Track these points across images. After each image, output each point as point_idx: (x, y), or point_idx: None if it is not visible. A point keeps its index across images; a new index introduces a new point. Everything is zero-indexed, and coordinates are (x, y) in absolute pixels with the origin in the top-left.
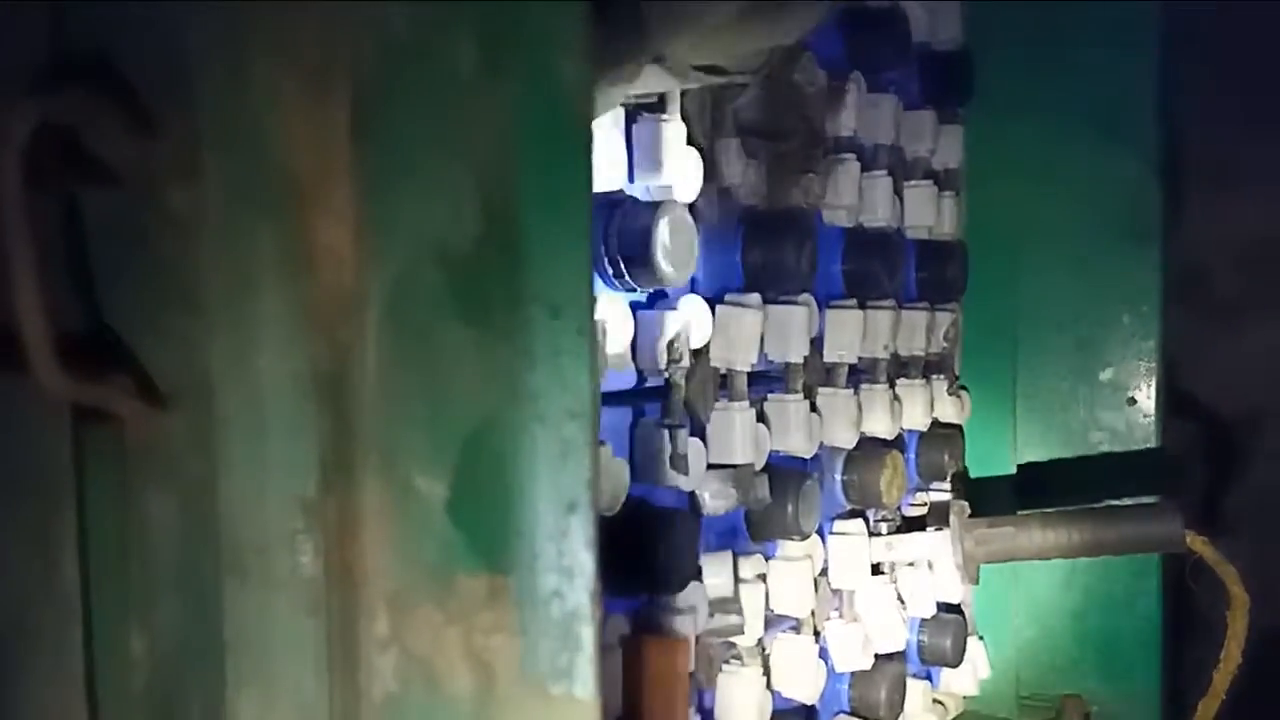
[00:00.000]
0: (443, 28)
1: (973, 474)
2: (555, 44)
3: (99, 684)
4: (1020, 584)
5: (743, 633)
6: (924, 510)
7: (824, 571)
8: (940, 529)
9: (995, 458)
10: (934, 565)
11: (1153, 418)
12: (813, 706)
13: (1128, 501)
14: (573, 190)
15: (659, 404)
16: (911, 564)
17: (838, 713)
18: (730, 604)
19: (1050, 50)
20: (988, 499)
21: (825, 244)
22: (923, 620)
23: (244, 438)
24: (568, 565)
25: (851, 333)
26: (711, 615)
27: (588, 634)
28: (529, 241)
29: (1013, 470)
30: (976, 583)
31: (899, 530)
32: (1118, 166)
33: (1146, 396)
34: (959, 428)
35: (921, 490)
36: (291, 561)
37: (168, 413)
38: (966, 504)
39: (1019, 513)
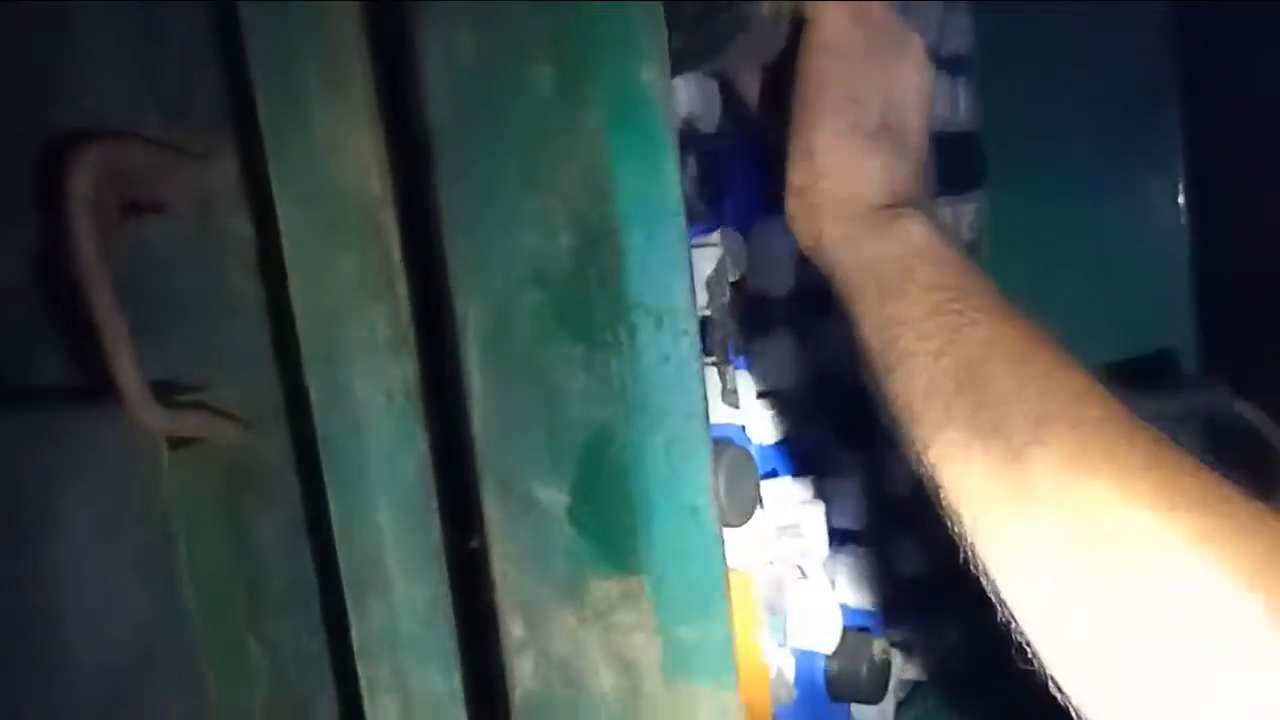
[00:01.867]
0: (516, 49)
1: None
2: (635, 52)
3: (221, 704)
4: None
5: (807, 554)
6: None
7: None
8: None
9: None
10: None
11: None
12: (877, 617)
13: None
14: (665, 195)
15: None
16: None
17: (899, 617)
18: (792, 530)
19: None
20: None
21: None
22: None
23: (345, 457)
24: (700, 564)
25: None
26: (776, 541)
27: (726, 621)
28: (627, 252)
29: None
30: None
31: None
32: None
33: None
34: None
35: None
36: (410, 574)
37: (259, 436)
38: None
39: None
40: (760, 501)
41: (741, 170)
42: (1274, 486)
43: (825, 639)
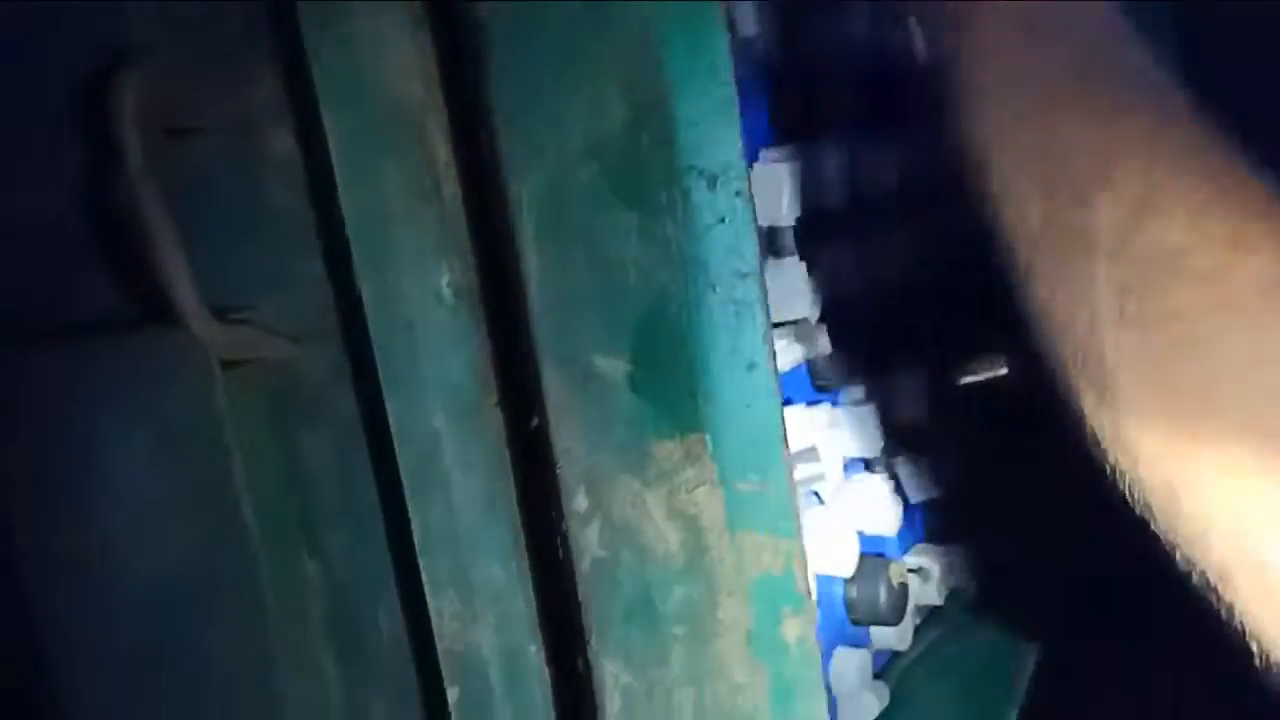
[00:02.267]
0: None
1: None
2: None
3: (280, 616)
4: None
5: (824, 478)
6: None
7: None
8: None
9: None
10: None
11: None
12: (893, 542)
13: None
14: (714, 59)
15: None
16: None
17: (913, 543)
18: (809, 453)
19: None
20: None
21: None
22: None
23: (399, 360)
24: (759, 418)
25: (889, 170)
26: (794, 468)
27: (785, 473)
28: (679, 117)
29: None
30: None
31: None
32: None
33: None
34: None
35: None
36: (468, 468)
37: (309, 351)
38: None
39: None
40: None
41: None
42: None
43: (843, 563)
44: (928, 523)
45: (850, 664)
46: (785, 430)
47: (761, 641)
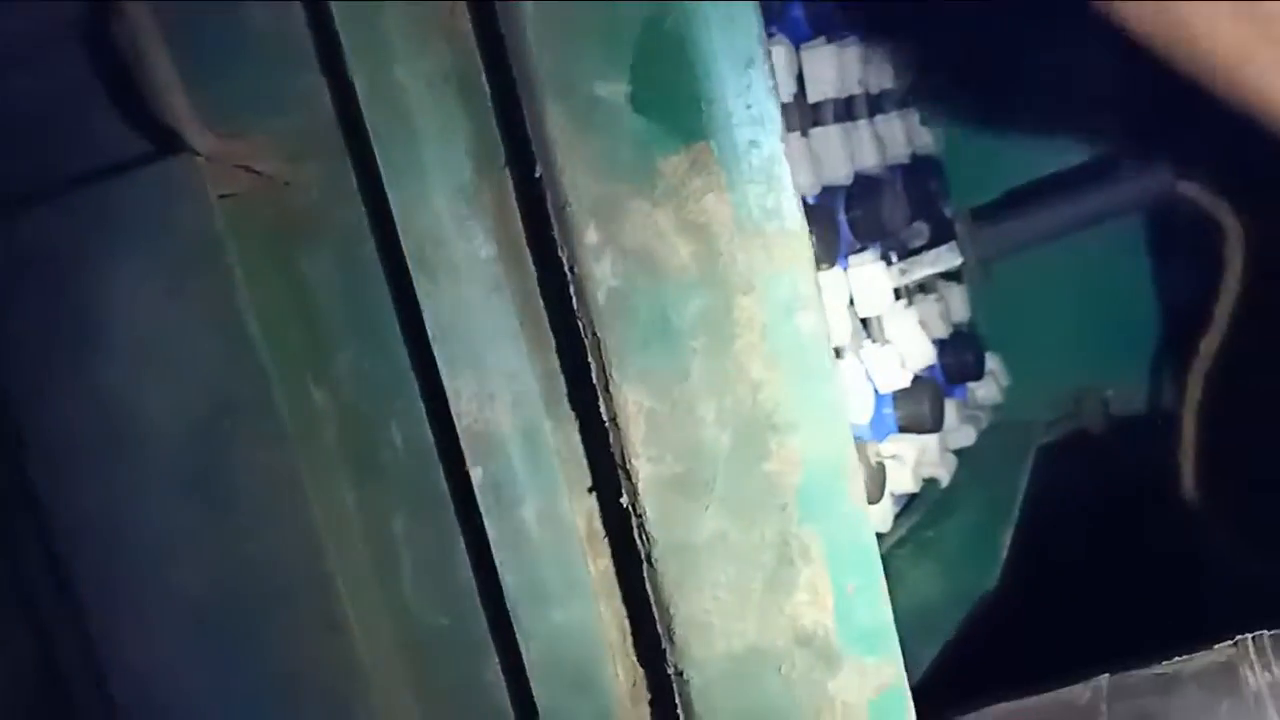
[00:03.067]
0: None
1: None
2: None
3: (297, 441)
4: (1024, 290)
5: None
6: (926, 239)
7: (850, 304)
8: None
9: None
10: (944, 294)
11: None
12: (866, 430)
13: None
14: None
15: None
16: (923, 287)
17: (888, 433)
18: None
19: None
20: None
21: None
22: (942, 342)
23: (398, 150)
24: (757, 114)
25: (829, 69)
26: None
27: (785, 173)
28: None
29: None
30: (987, 279)
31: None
32: None
33: None
34: (937, 160)
35: (916, 220)
36: (473, 242)
37: (303, 168)
38: (967, 210)
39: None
40: None
41: None
42: (1225, 256)
43: None
44: (898, 412)
45: None
46: (783, 131)
47: (777, 336)
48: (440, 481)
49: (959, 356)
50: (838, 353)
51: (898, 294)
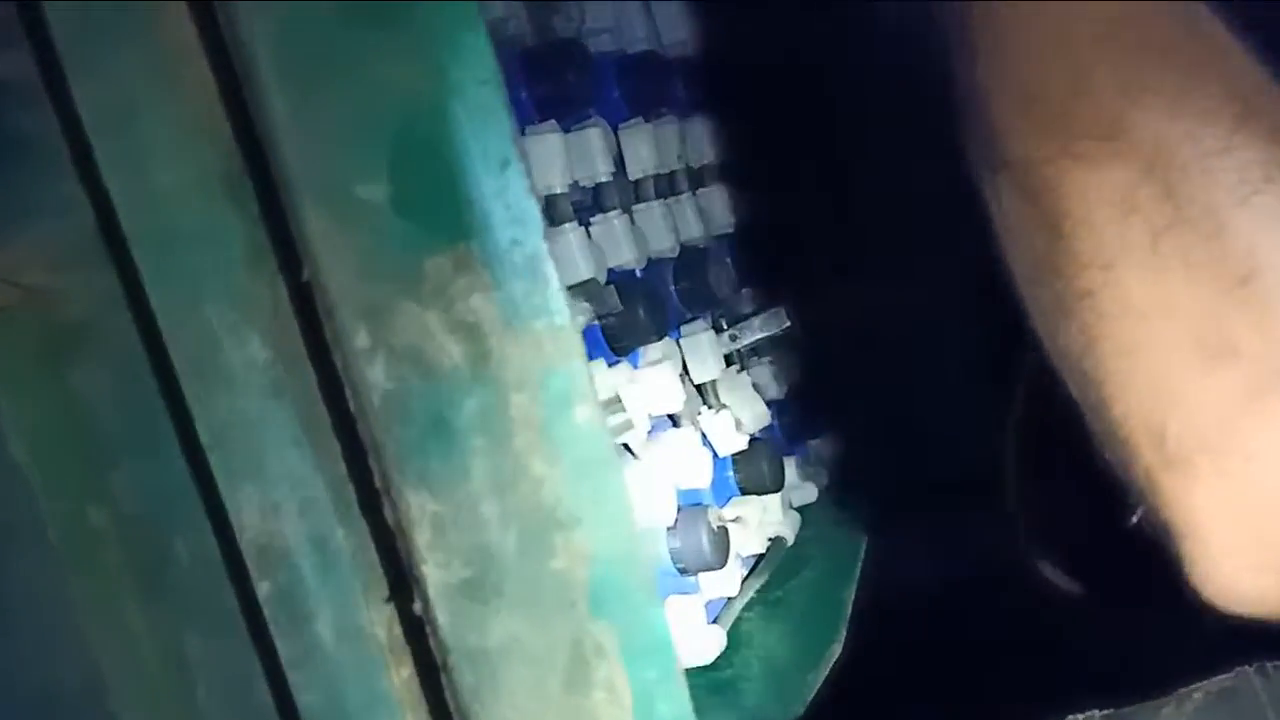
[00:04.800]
0: None
1: None
2: None
3: (72, 565)
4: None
5: (633, 428)
6: (754, 306)
7: (684, 373)
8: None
9: None
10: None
11: None
12: (708, 495)
13: None
14: None
15: None
16: (756, 352)
17: (730, 497)
18: (614, 404)
19: None
20: None
21: (598, 73)
22: (780, 403)
23: (162, 255)
24: (517, 214)
25: (647, 146)
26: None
27: (550, 270)
28: None
29: None
30: None
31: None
32: None
33: None
34: None
35: (745, 287)
36: (246, 346)
37: (75, 278)
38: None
39: None
40: None
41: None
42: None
43: (663, 513)
44: (738, 474)
45: (684, 611)
46: (544, 227)
47: (554, 431)
48: (230, 598)
49: (799, 416)
50: (674, 421)
51: (730, 360)
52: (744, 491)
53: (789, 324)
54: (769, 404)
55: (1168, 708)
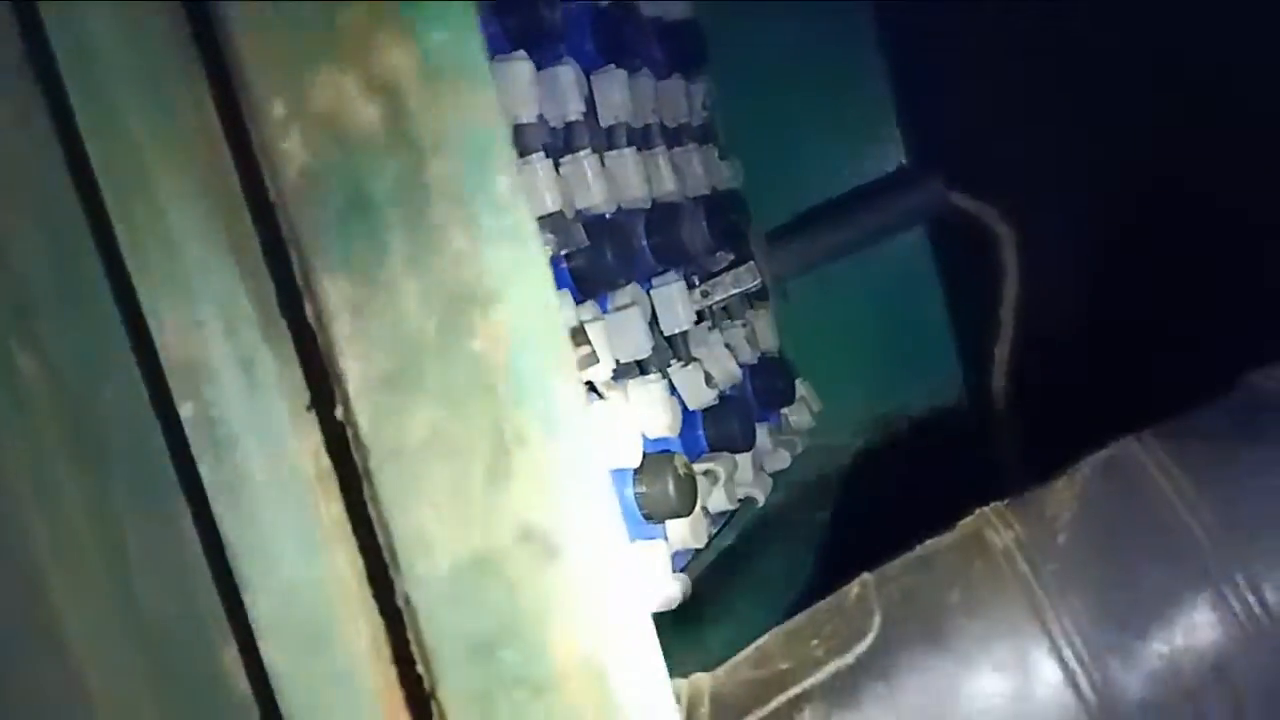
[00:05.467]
0: None
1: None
2: None
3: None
4: (820, 316)
5: (598, 361)
6: (727, 264)
7: (654, 323)
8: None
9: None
10: (751, 322)
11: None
12: (676, 444)
13: None
14: None
15: None
16: (729, 314)
17: (700, 453)
18: (578, 334)
19: None
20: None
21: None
22: (750, 368)
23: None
24: None
25: (620, 92)
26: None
27: (474, 19)
28: None
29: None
30: (787, 298)
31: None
32: None
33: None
34: (737, 192)
35: (719, 250)
36: (165, 147)
37: None
38: (761, 231)
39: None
40: None
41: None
42: (1000, 261)
43: (628, 454)
44: (708, 431)
45: (649, 556)
46: (511, 152)
47: (474, 199)
48: (158, 437)
49: (769, 382)
50: (642, 368)
51: (702, 316)
52: (714, 449)
53: (760, 279)
54: (742, 368)
55: (1060, 482)
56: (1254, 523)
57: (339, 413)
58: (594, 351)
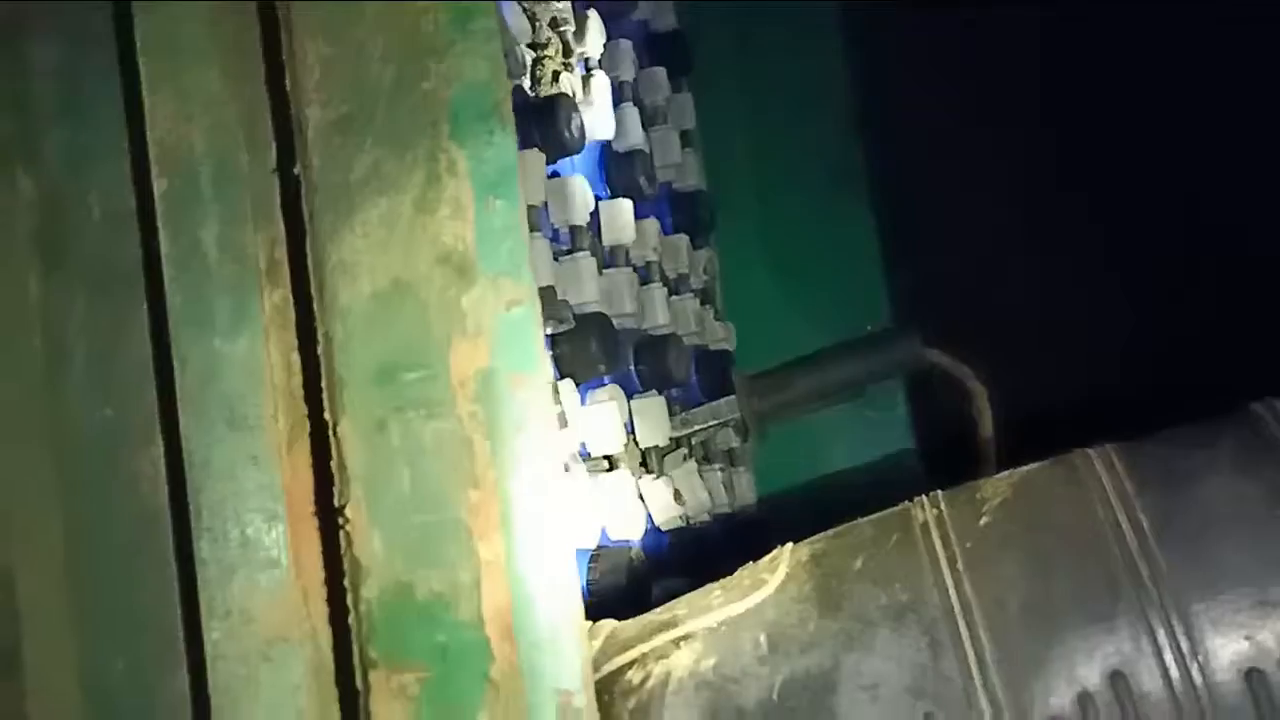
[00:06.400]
0: None
1: None
2: None
3: None
4: (797, 449)
5: (566, 425)
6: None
7: (631, 431)
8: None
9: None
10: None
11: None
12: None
13: None
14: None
15: None
16: (705, 451)
17: (665, 569)
18: (553, 392)
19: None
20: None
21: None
22: (729, 517)
23: None
24: None
25: (624, 218)
26: None
27: None
28: None
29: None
30: (764, 438)
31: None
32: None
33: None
34: (729, 353)
35: (704, 403)
36: None
37: None
38: (745, 372)
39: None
40: None
41: None
42: (974, 412)
43: (584, 539)
44: (673, 552)
45: None
46: None
47: None
48: (131, 249)
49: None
50: (611, 463)
51: (679, 444)
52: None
53: (739, 414)
54: (716, 517)
55: (1005, 471)
56: (1185, 539)
57: (296, 170)
58: (564, 414)
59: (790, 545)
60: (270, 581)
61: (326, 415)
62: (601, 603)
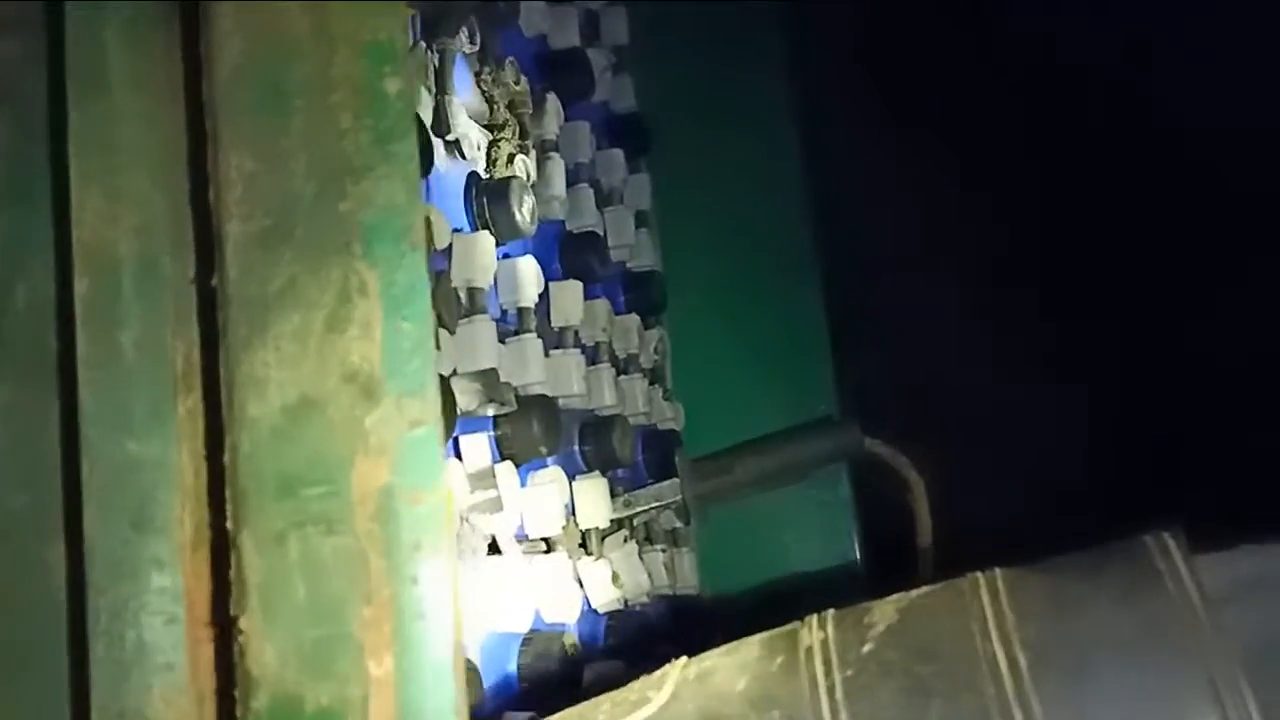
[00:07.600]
0: None
1: None
2: None
3: None
4: (741, 529)
5: (503, 509)
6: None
7: (572, 513)
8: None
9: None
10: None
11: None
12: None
13: None
14: None
15: None
16: (648, 533)
17: (601, 652)
18: (487, 478)
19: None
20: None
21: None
22: (670, 599)
23: None
24: None
25: (574, 300)
26: (472, 491)
27: None
28: None
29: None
30: (704, 522)
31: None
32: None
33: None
34: (676, 433)
35: (650, 483)
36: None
37: None
38: (688, 455)
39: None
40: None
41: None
42: (910, 500)
43: (518, 619)
44: (610, 635)
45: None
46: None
47: (368, 94)
48: (52, 340)
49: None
50: (549, 546)
51: (620, 524)
52: (614, 654)
53: (681, 496)
54: (657, 599)
55: (897, 594)
56: (1061, 675)
57: (214, 280)
58: (500, 499)
59: (683, 660)
60: (164, 685)
61: (229, 524)
62: (531, 688)
